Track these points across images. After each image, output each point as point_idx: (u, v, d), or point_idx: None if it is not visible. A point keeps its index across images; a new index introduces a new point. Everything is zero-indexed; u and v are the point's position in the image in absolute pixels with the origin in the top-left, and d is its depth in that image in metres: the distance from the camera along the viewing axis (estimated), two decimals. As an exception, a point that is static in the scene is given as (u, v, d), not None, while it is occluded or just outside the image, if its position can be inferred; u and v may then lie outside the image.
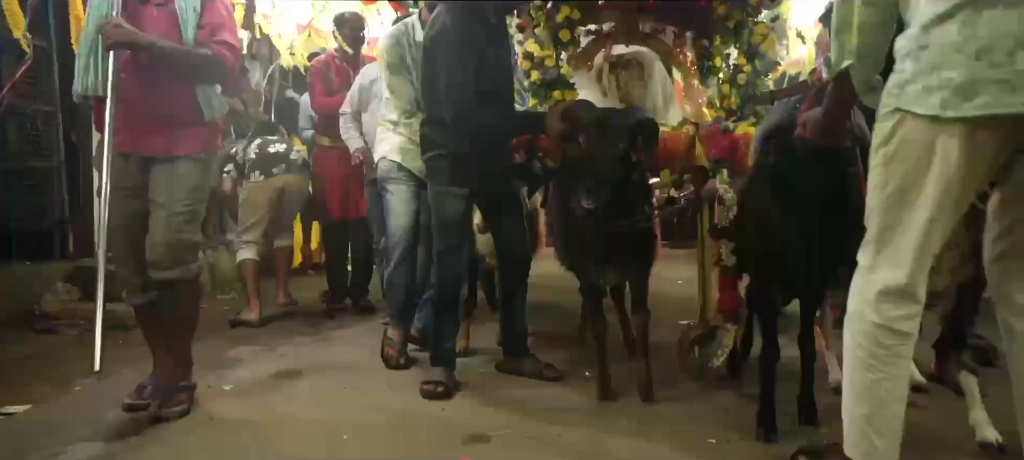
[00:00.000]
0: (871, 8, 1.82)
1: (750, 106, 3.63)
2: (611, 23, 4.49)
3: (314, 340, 4.65)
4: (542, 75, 3.71)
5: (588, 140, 2.88)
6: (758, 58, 3.61)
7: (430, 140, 3.31)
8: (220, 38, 3.03)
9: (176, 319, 3.16)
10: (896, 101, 1.75)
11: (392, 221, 3.88)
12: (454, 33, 3.07)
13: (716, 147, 3.19)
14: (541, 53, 3.74)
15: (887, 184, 1.80)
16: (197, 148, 3.08)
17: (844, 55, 1.87)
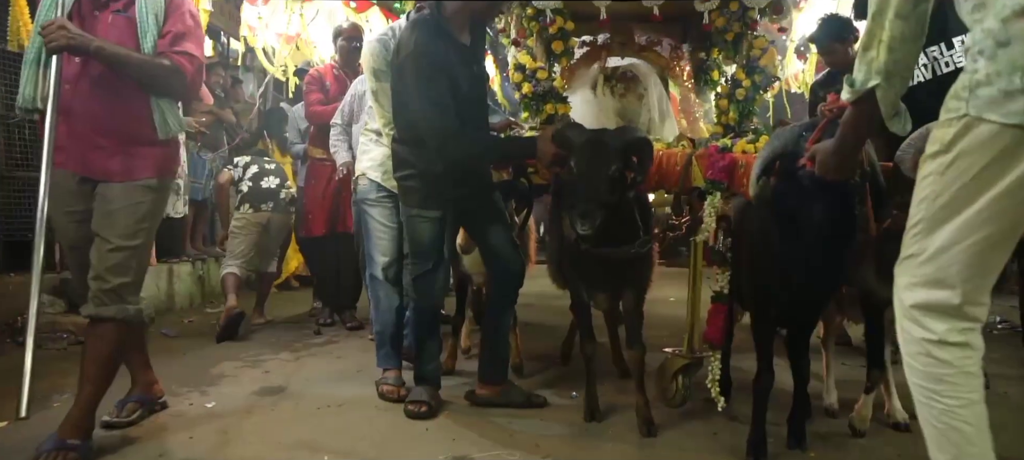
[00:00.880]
0: (903, 21, 1.65)
1: (748, 122, 3.55)
2: (606, 35, 4.47)
3: (300, 356, 4.54)
4: (534, 88, 3.61)
5: (580, 162, 2.78)
6: (757, 73, 3.52)
7: (402, 159, 3.19)
8: (181, 48, 2.80)
9: (94, 360, 2.80)
10: (965, 105, 1.53)
11: (373, 250, 3.72)
12: (420, 55, 2.95)
13: (713, 168, 3.05)
14: (533, 65, 3.63)
15: (940, 195, 1.59)
16: (149, 172, 2.82)
17: (871, 74, 1.70)
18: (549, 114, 3.63)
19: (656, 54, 4.63)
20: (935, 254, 1.62)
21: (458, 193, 3.20)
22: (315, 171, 5.30)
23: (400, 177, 3.23)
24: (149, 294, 5.60)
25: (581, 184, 2.75)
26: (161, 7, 2.81)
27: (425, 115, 2.96)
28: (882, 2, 1.67)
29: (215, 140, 6.72)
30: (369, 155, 3.74)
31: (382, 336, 3.72)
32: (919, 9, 1.65)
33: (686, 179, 3.14)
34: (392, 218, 3.67)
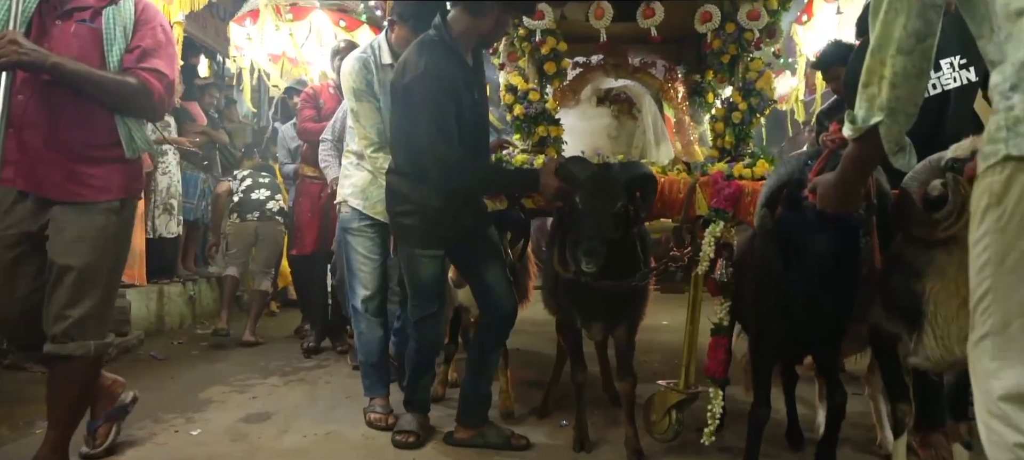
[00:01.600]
0: (906, 57, 1.51)
1: (745, 145, 3.45)
2: (599, 56, 4.39)
3: (289, 380, 4.42)
4: (526, 109, 3.50)
5: (586, 198, 2.68)
6: (754, 96, 3.39)
7: (399, 193, 2.93)
8: (149, 64, 2.57)
9: (60, 404, 2.59)
10: (1006, 146, 1.32)
11: (354, 282, 3.54)
12: (431, 78, 2.72)
13: (718, 196, 2.92)
14: (525, 87, 3.51)
15: (1006, 255, 1.32)
16: (114, 193, 2.57)
17: (874, 111, 1.56)
18: (541, 136, 3.53)
19: (650, 76, 4.55)
20: (1018, 329, 1.32)
21: (459, 229, 2.97)
22: (305, 189, 5.18)
23: (397, 213, 2.97)
24: (139, 315, 5.54)
25: (586, 221, 2.65)
26: (130, 19, 2.60)
27: (432, 142, 2.73)
28: (882, 37, 1.54)
29: (207, 160, 6.62)
30: (351, 180, 3.56)
31: (366, 366, 3.58)
32: (923, 45, 1.52)
33: (689, 208, 3.01)
34: (374, 249, 3.49)
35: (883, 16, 1.54)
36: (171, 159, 6.18)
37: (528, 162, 3.34)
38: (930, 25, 1.51)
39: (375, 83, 3.40)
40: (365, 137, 3.39)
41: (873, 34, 1.56)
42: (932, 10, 1.50)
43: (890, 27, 1.52)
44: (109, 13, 2.58)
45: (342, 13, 5.66)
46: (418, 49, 2.80)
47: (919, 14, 1.50)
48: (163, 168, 6.09)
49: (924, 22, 1.50)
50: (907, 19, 1.50)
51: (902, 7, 1.51)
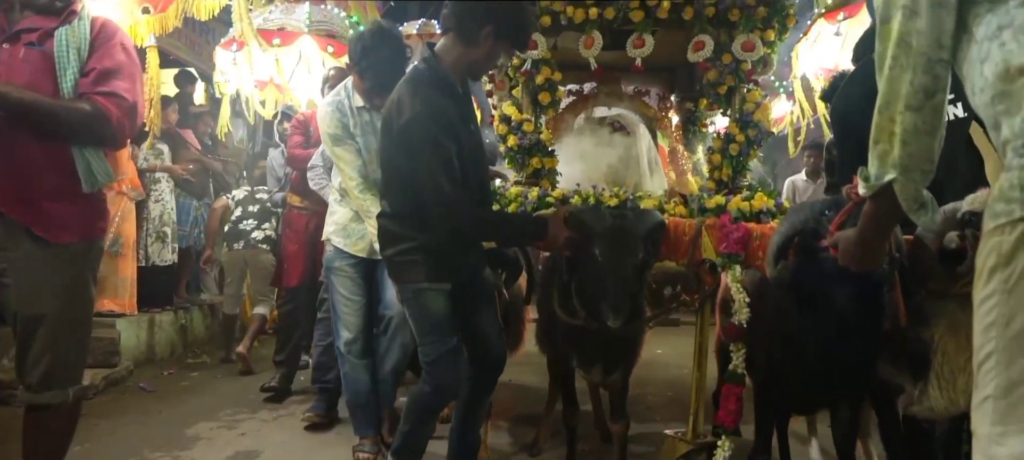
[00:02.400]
0: (916, 113, 1.41)
1: (742, 177, 3.34)
2: (592, 84, 4.30)
3: (279, 415, 4.28)
4: (520, 141, 3.41)
5: (606, 252, 2.52)
6: (751, 128, 3.27)
7: (395, 234, 2.63)
8: (107, 87, 2.30)
9: (38, 450, 2.38)
10: (1020, 207, 1.26)
11: (338, 323, 3.40)
12: (430, 118, 2.46)
13: (727, 240, 2.77)
14: (519, 117, 3.39)
15: (1013, 318, 1.27)
16: (73, 233, 2.31)
17: (886, 168, 1.46)
18: (535, 168, 3.42)
19: (644, 104, 4.47)
20: None
21: (463, 262, 2.70)
22: (291, 219, 4.84)
23: (396, 253, 2.64)
24: (128, 345, 5.39)
25: (610, 276, 2.50)
26: (85, 40, 2.34)
27: (435, 186, 2.46)
28: (889, 93, 1.43)
29: (201, 187, 6.50)
30: (334, 217, 3.42)
31: (353, 407, 3.43)
32: (933, 101, 1.41)
33: (696, 251, 2.86)
34: (355, 290, 3.34)
35: (888, 71, 1.43)
36: (164, 186, 6.05)
37: (522, 194, 3.24)
38: (939, 80, 1.40)
39: (351, 125, 3.28)
40: (350, 179, 3.25)
41: (880, 88, 1.46)
42: (940, 65, 1.39)
43: (896, 83, 1.42)
44: (61, 35, 2.32)
45: (330, 39, 5.44)
46: (412, 86, 2.55)
47: (926, 70, 1.39)
48: (156, 196, 5.96)
49: (932, 78, 1.39)
50: (913, 75, 1.40)
51: (908, 62, 1.40)
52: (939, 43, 1.39)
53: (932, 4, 1.39)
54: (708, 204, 3.15)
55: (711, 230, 2.85)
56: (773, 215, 3.11)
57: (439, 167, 2.44)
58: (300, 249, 4.69)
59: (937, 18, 1.39)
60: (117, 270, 5.49)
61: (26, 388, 2.31)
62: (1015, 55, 1.29)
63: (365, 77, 3.25)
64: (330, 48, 5.33)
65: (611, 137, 4.09)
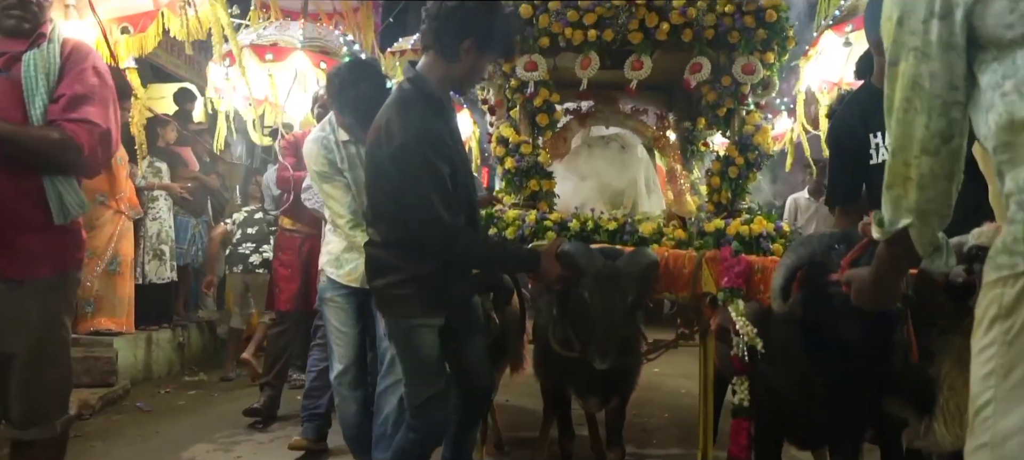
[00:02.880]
0: (932, 157, 1.36)
1: (741, 201, 3.29)
2: (590, 102, 4.25)
3: (276, 437, 4.20)
4: (517, 163, 3.34)
5: (595, 296, 2.46)
6: (751, 150, 3.22)
7: (386, 265, 2.48)
8: (78, 114, 2.16)
9: None
10: (1023, 261, 1.26)
11: (331, 355, 3.31)
12: (423, 142, 2.34)
13: (729, 274, 2.70)
14: (517, 139, 3.34)
15: (1012, 369, 1.27)
16: (47, 268, 2.19)
17: (900, 213, 1.42)
18: (533, 190, 3.37)
19: (642, 123, 4.42)
20: (1019, 445, 1.26)
21: (457, 291, 2.56)
22: (284, 242, 4.62)
23: (386, 285, 2.48)
24: (126, 364, 5.32)
25: (598, 320, 2.45)
26: (55, 65, 2.21)
27: (432, 213, 2.33)
28: (903, 137, 1.38)
29: (199, 206, 6.45)
30: (328, 248, 3.31)
31: (348, 437, 3.36)
32: (950, 146, 1.35)
33: (696, 284, 2.78)
34: (347, 321, 3.23)
35: (901, 114, 1.37)
36: (162, 205, 5.99)
37: (520, 217, 3.19)
38: (955, 124, 1.35)
39: (338, 160, 3.18)
40: (339, 216, 3.14)
41: (890, 132, 1.41)
42: (956, 108, 1.34)
43: (910, 127, 1.36)
44: (29, 59, 2.19)
45: (323, 54, 5.28)
46: (400, 108, 2.41)
47: (941, 113, 1.34)
48: (153, 214, 5.90)
49: (948, 121, 1.34)
50: (929, 118, 1.34)
51: (922, 105, 1.35)
52: (953, 85, 1.34)
53: (943, 46, 1.34)
54: (707, 228, 3.10)
55: (712, 263, 2.78)
56: (773, 239, 3.07)
57: (435, 192, 2.34)
58: (293, 273, 4.49)
59: (949, 60, 1.34)
60: (115, 289, 5.42)
61: (10, 424, 2.21)
62: (1019, 108, 1.26)
63: (344, 112, 3.16)
64: (323, 65, 5.15)
65: (609, 156, 4.05)
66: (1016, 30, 1.26)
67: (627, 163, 4.03)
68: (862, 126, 2.65)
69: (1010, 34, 1.28)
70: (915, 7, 1.37)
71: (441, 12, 2.39)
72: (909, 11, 1.37)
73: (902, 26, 1.39)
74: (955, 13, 1.33)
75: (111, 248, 5.41)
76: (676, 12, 3.18)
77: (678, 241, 3.08)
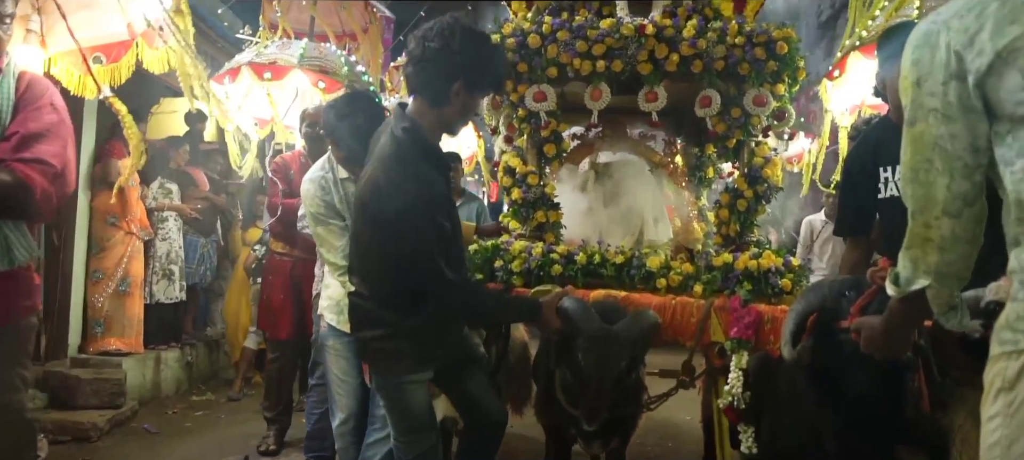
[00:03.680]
0: (955, 220, 1.34)
1: (749, 233, 3.23)
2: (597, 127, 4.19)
3: (282, 463, 4.18)
4: (524, 194, 3.28)
5: (588, 359, 2.38)
6: (760, 183, 3.14)
7: (373, 316, 2.35)
8: (31, 153, 2.03)
9: None
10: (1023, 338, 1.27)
11: (331, 402, 3.15)
12: (423, 199, 2.22)
13: (738, 325, 2.62)
14: (524, 169, 3.27)
15: (1014, 443, 1.29)
16: None
17: (918, 274, 1.40)
18: (540, 221, 3.32)
19: (649, 149, 4.37)
20: None
21: (448, 340, 2.45)
22: (275, 266, 4.41)
23: (375, 338, 2.36)
24: (134, 384, 5.28)
25: (589, 384, 2.37)
26: (8, 100, 2.07)
27: (436, 271, 2.22)
28: (924, 199, 1.35)
29: (208, 225, 6.42)
30: (328, 292, 3.12)
31: None
32: (974, 209, 1.33)
33: (704, 333, 2.70)
34: (349, 370, 3.08)
35: (920, 175, 1.34)
36: (172, 225, 5.95)
37: (526, 250, 3.13)
38: (977, 187, 1.32)
39: (335, 201, 3.05)
40: (333, 264, 2.97)
41: (908, 194, 1.36)
42: (979, 172, 1.31)
43: (931, 188, 1.33)
44: None
45: (322, 74, 5.12)
46: (399, 162, 2.26)
47: (964, 175, 1.31)
48: (163, 234, 5.86)
49: (971, 184, 1.31)
50: (951, 180, 1.31)
51: (944, 167, 1.31)
52: (975, 147, 1.31)
53: (964, 109, 1.30)
54: (715, 262, 3.04)
55: (721, 312, 2.70)
56: (781, 274, 3.00)
57: (439, 251, 2.23)
58: (286, 298, 4.30)
59: (970, 122, 1.30)
60: (124, 309, 5.41)
61: None
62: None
63: (340, 145, 3.03)
64: (321, 84, 5.04)
65: (615, 183, 3.99)
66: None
67: (634, 189, 3.96)
68: (872, 159, 2.62)
69: (1020, 110, 1.26)
70: (933, 69, 1.33)
71: (426, 55, 2.25)
72: (928, 73, 1.33)
73: (920, 87, 1.35)
74: (967, 79, 1.30)
75: (121, 269, 5.40)
76: (686, 43, 3.12)
77: (686, 275, 3.01)
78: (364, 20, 6.61)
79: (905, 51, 1.42)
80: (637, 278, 3.02)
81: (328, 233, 3.01)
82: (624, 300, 2.80)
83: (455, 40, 2.24)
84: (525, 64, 3.21)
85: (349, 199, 3.03)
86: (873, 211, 2.64)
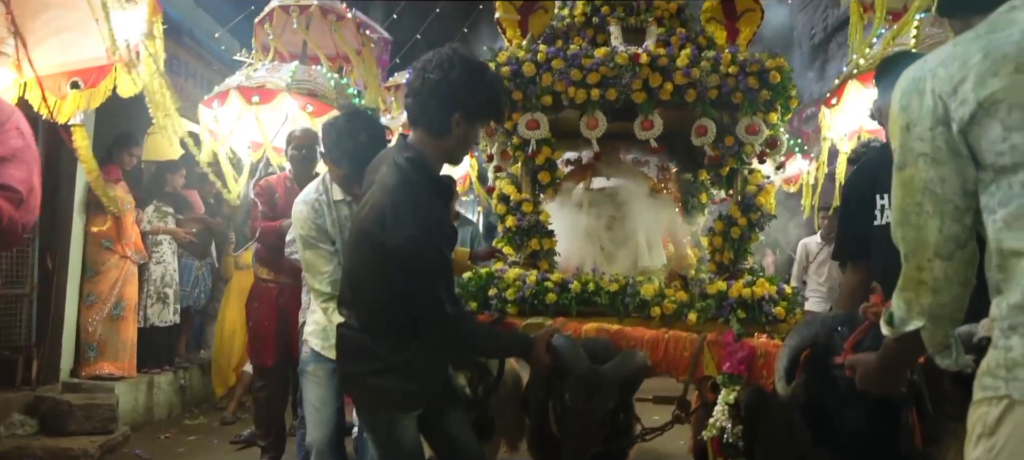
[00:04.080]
0: (947, 262, 1.35)
1: (743, 261, 3.23)
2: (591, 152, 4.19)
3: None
4: (519, 221, 3.26)
5: (575, 401, 2.36)
6: (753, 211, 3.14)
7: (364, 350, 2.28)
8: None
9: None
10: (1004, 386, 1.29)
11: (311, 428, 3.03)
12: (430, 232, 2.17)
13: (731, 360, 2.59)
14: (518, 197, 3.26)
15: None
16: None
17: (912, 316, 1.41)
18: (534, 249, 3.30)
19: (643, 175, 4.37)
20: None
21: (438, 376, 2.40)
22: (260, 292, 4.27)
23: (367, 372, 2.29)
24: (127, 408, 5.22)
25: (575, 426, 2.36)
26: None
27: (437, 305, 2.18)
28: (916, 242, 1.36)
29: (203, 247, 6.39)
30: (315, 318, 3.03)
31: None
32: (965, 251, 1.33)
33: (697, 368, 2.67)
34: (327, 399, 2.99)
35: (912, 218, 1.35)
36: (166, 248, 5.91)
37: (520, 278, 3.11)
38: (967, 230, 1.33)
39: (328, 225, 2.96)
40: (318, 291, 2.88)
41: (900, 237, 1.37)
42: (969, 215, 1.32)
43: (923, 231, 1.34)
44: None
45: (310, 97, 5.09)
46: (407, 193, 2.19)
47: (954, 218, 1.32)
48: (157, 257, 5.82)
49: (962, 227, 1.33)
50: (942, 222, 1.32)
51: (935, 209, 1.32)
52: (965, 190, 1.33)
53: (952, 153, 1.31)
54: (709, 290, 3.04)
55: (713, 347, 2.68)
56: (775, 302, 3.00)
57: (442, 284, 2.20)
58: (271, 325, 4.13)
59: (959, 166, 1.32)
60: (118, 333, 5.37)
61: None
62: (1006, 239, 1.28)
63: (341, 164, 2.95)
64: (309, 107, 5.03)
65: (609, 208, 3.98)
66: (1006, 159, 1.27)
67: (628, 215, 3.96)
68: (870, 186, 2.63)
69: (1002, 161, 1.28)
70: (921, 114, 1.35)
71: (426, 86, 2.24)
72: (916, 118, 1.36)
73: (910, 132, 1.37)
74: (951, 126, 1.32)
75: (115, 293, 5.37)
76: (680, 72, 3.12)
77: (680, 303, 3.01)
78: (357, 42, 6.60)
79: (894, 95, 1.44)
80: (632, 306, 3.01)
81: (317, 257, 2.91)
82: (617, 333, 2.77)
83: (454, 71, 2.22)
84: (520, 92, 3.21)
85: (341, 222, 2.96)
86: (870, 238, 2.65)
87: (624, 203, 4.01)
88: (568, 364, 2.40)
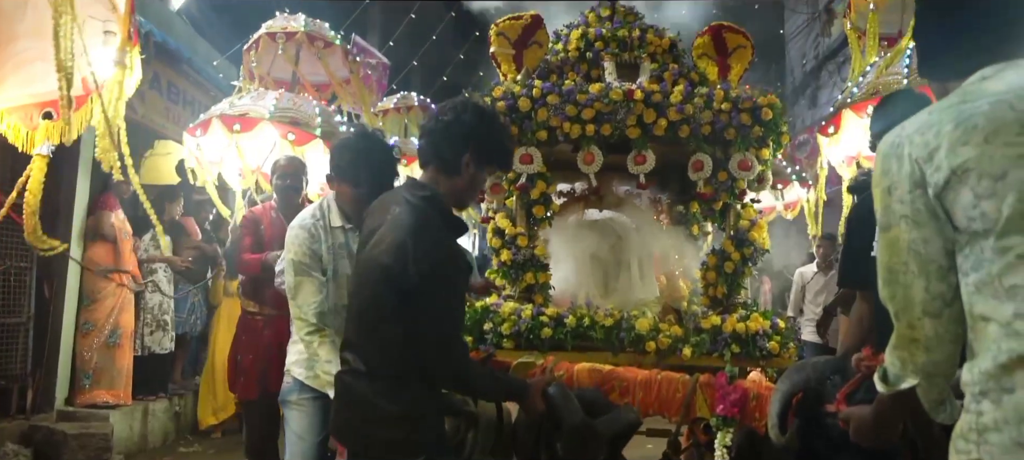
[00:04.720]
0: (936, 320, 1.36)
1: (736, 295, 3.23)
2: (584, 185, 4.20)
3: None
4: (514, 255, 3.24)
5: (568, 449, 2.36)
6: (746, 246, 3.16)
7: (363, 397, 2.18)
8: None
9: None
10: (977, 450, 1.30)
11: (293, 458, 2.90)
12: (450, 272, 2.15)
13: (724, 402, 2.57)
14: (513, 231, 3.26)
15: None
16: None
17: (906, 374, 1.41)
18: (529, 283, 3.30)
19: (636, 207, 4.38)
20: None
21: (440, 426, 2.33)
22: (246, 325, 4.02)
23: (373, 423, 2.17)
24: (121, 437, 5.17)
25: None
26: None
27: (448, 347, 2.16)
28: (904, 301, 1.37)
29: (199, 274, 6.36)
30: (297, 347, 2.89)
31: None
32: (953, 309, 1.34)
33: (689, 410, 2.65)
34: (310, 430, 2.88)
35: (899, 277, 1.36)
36: (162, 276, 5.89)
37: (515, 312, 3.11)
38: (953, 288, 1.34)
39: (323, 252, 2.84)
40: (301, 319, 2.75)
41: (888, 297, 1.39)
42: (953, 274, 1.33)
43: (910, 290, 1.36)
44: None
45: (293, 126, 5.02)
46: (427, 233, 2.12)
47: (939, 277, 1.34)
48: (153, 285, 5.82)
49: (947, 285, 1.34)
50: (928, 282, 1.34)
51: (920, 269, 1.34)
52: (947, 251, 1.34)
53: (932, 216, 1.34)
54: (703, 324, 3.04)
55: (706, 389, 2.67)
56: (769, 337, 3.00)
57: (455, 326, 2.20)
58: (256, 358, 3.89)
59: (939, 227, 1.34)
60: (114, 361, 5.32)
61: None
62: (976, 303, 1.30)
63: (359, 183, 2.82)
64: (291, 136, 4.99)
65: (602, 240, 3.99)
66: (978, 224, 1.29)
67: (621, 247, 3.97)
68: (871, 216, 2.63)
69: (974, 226, 1.30)
70: (900, 178, 1.38)
71: (438, 127, 2.26)
72: (896, 181, 1.39)
73: (891, 195, 1.40)
74: (927, 190, 1.35)
75: (111, 320, 5.33)
76: (673, 109, 3.14)
77: (675, 338, 3.01)
78: (346, 70, 6.59)
79: (875, 159, 1.47)
80: (627, 341, 3.00)
81: (307, 284, 2.79)
82: (610, 374, 2.76)
83: (467, 114, 2.25)
84: (516, 127, 3.22)
85: (337, 249, 2.87)
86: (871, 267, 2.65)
87: (617, 234, 4.02)
88: (563, 415, 2.38)
